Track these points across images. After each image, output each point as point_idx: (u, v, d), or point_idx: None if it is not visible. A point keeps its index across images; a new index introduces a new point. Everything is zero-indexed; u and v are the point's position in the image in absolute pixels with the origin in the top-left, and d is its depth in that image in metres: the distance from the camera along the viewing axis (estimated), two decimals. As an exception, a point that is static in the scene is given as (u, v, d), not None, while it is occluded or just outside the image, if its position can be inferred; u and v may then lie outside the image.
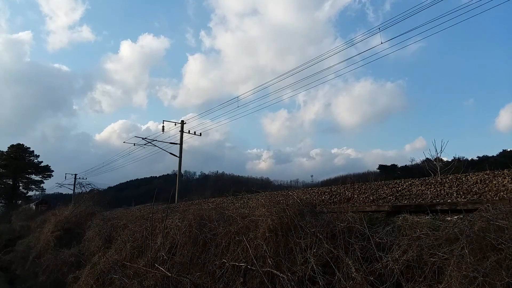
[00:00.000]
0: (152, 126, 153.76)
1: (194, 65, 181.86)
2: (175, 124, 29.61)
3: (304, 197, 8.77)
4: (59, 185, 52.70)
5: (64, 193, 55.92)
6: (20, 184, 54.17)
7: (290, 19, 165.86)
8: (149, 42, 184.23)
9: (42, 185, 55.26)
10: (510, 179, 6.00)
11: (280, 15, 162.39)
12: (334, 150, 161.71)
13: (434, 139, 13.62)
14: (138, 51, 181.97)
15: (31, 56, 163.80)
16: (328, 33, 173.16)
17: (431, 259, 4.79)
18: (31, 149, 53.65)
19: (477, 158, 56.00)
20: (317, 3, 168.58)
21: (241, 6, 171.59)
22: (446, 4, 13.76)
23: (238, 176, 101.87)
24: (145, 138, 29.54)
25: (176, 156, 27.15)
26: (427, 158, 19.63)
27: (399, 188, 7.62)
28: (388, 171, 59.32)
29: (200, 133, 29.27)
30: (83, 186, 45.80)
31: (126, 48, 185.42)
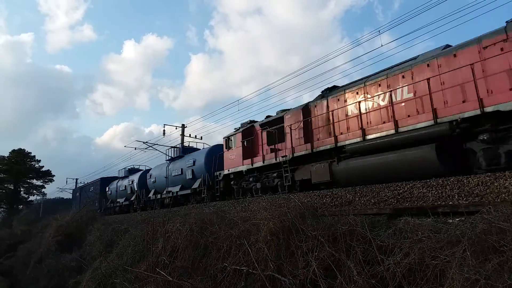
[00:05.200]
0: (155, 129, 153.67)
1: (196, 65, 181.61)
2: (176, 128, 29.92)
3: (305, 200, 8.76)
4: (60, 190, 52.85)
5: (65, 197, 55.94)
6: (21, 189, 54.22)
7: (294, 18, 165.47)
8: (152, 42, 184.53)
9: (43, 189, 55.40)
10: (511, 181, 5.98)
11: (284, 14, 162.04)
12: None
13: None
14: (141, 52, 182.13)
15: (32, 57, 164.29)
16: (334, 32, 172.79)
17: (433, 261, 4.77)
18: (32, 154, 53.81)
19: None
20: (322, 1, 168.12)
21: (244, 5, 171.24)
22: (453, 2, 13.67)
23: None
24: (146, 142, 29.73)
25: (177, 160, 27.22)
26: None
27: (401, 191, 7.61)
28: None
29: (201, 137, 29.55)
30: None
31: (130, 48, 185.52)
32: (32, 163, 53.62)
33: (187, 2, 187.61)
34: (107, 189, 33.17)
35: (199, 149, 22.33)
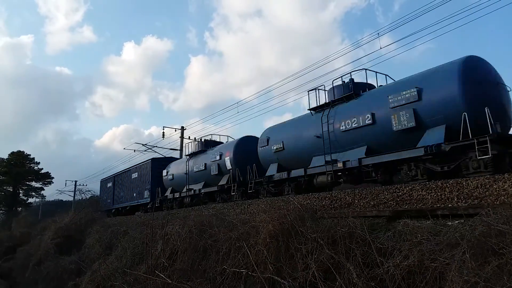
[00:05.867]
0: (154, 131, 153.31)
1: (196, 67, 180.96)
2: (175, 130, 29.97)
3: (304, 203, 8.76)
4: (59, 192, 52.80)
5: (64, 199, 55.88)
6: (20, 191, 54.15)
7: (294, 19, 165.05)
8: (152, 44, 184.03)
9: (42, 192, 55.34)
10: (510, 184, 5.99)
11: (284, 15, 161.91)
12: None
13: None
14: (141, 54, 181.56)
15: (32, 59, 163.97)
16: (334, 34, 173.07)
17: (432, 264, 4.77)
18: (31, 156, 53.81)
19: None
20: (322, 2, 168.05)
21: (244, 6, 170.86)
22: (455, 3, 13.58)
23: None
24: (145, 144, 29.71)
25: (177, 162, 27.16)
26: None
27: (400, 193, 7.61)
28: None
29: (200, 139, 29.42)
30: (83, 193, 45.91)
31: (129, 49, 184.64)
32: (31, 165, 53.60)
33: (187, 3, 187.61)
34: (164, 173, 21.71)
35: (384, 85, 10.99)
